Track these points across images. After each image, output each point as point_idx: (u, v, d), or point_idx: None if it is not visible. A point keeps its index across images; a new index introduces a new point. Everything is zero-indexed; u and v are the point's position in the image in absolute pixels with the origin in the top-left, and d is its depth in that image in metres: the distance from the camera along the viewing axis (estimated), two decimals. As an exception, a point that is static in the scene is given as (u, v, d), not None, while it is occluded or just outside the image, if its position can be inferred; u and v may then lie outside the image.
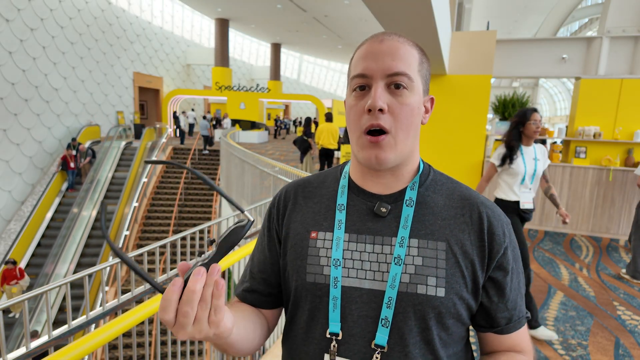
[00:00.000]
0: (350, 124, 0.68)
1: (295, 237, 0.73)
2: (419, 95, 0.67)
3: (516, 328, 0.71)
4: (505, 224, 0.69)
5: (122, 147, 13.12)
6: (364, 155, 0.66)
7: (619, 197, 5.41)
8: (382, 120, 0.64)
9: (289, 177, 4.69)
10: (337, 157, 9.34)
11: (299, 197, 0.77)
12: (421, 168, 0.73)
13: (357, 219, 0.70)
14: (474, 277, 0.66)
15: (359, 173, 0.73)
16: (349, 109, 0.69)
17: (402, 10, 2.83)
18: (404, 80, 0.65)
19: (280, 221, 0.77)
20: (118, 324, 1.52)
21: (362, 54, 0.67)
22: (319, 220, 0.73)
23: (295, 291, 0.72)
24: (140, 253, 1.80)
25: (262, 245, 0.79)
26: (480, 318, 0.71)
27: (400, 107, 0.65)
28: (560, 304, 3.44)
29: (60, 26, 12.73)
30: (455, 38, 5.70)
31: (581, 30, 20.26)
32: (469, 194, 0.71)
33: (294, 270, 0.72)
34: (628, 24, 5.55)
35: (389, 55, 0.65)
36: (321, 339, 0.68)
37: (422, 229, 0.67)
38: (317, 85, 33.58)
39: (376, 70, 0.65)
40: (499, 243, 0.67)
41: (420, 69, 0.68)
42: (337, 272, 0.67)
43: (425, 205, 0.70)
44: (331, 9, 17.01)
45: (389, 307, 0.64)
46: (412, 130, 0.67)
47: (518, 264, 0.71)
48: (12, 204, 10.60)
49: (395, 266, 0.65)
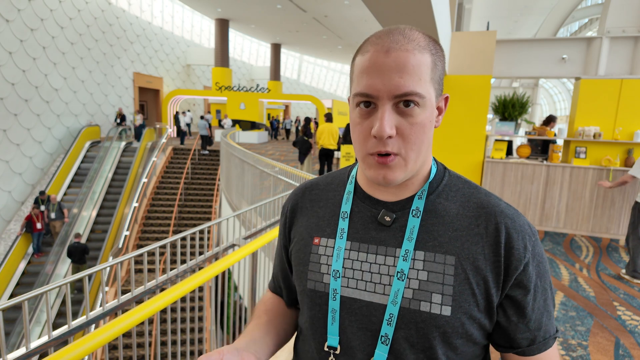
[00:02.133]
0: (356, 143, 0.63)
1: (300, 242, 0.73)
2: (431, 107, 0.61)
3: (540, 350, 0.64)
4: (528, 235, 0.62)
5: (122, 147, 13.13)
6: (372, 175, 0.62)
7: (619, 197, 5.41)
8: (390, 146, 0.59)
9: (289, 177, 4.69)
10: (337, 157, 9.34)
11: (306, 200, 0.77)
12: (433, 172, 0.68)
13: (360, 226, 0.67)
14: (486, 295, 0.60)
15: (366, 179, 0.70)
16: (354, 126, 0.63)
17: (402, 11, 2.83)
18: (414, 98, 0.58)
19: (288, 225, 0.78)
20: (118, 325, 1.52)
21: (365, 67, 0.59)
22: (323, 225, 0.71)
23: (299, 296, 0.73)
24: (140, 253, 1.80)
25: (279, 245, 0.82)
26: (498, 337, 0.65)
27: (410, 127, 0.59)
28: (560, 304, 3.44)
29: (60, 26, 12.73)
30: (455, 38, 5.70)
31: (581, 31, 20.26)
32: (487, 202, 0.64)
33: (297, 276, 0.72)
34: (628, 24, 5.55)
35: (396, 72, 0.57)
36: (319, 349, 0.67)
37: (429, 240, 0.62)
38: (317, 86, 33.58)
39: (382, 91, 0.57)
40: (517, 258, 0.60)
41: (433, 75, 0.61)
42: (336, 283, 0.65)
43: (435, 214, 0.64)
44: (331, 9, 17.01)
45: (390, 324, 0.61)
46: (424, 148, 0.62)
47: (544, 280, 0.63)
48: (12, 204, 10.60)
49: (397, 281, 0.61)
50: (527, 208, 5.79)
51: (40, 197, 9.57)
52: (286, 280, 0.82)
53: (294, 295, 0.83)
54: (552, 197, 5.68)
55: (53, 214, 9.49)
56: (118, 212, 10.36)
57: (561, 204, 5.65)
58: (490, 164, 5.85)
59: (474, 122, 5.81)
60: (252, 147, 13.37)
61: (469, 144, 5.89)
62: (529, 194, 5.77)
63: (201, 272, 1.99)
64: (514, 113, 6.10)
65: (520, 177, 5.78)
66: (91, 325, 1.59)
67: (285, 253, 0.79)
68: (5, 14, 10.60)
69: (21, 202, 10.86)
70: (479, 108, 5.77)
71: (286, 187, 4.64)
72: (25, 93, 11.27)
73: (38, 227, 9.25)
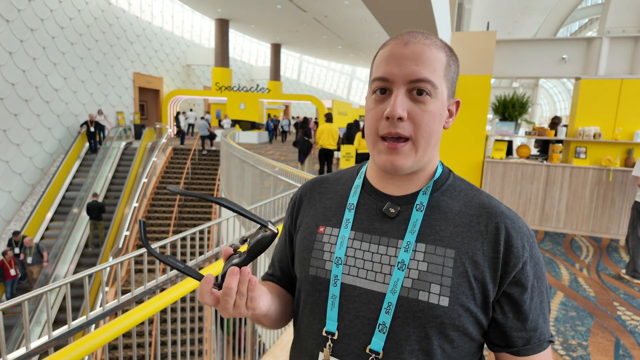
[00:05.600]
0: (368, 127, 0.66)
1: (305, 231, 0.75)
2: (442, 101, 0.64)
3: (535, 351, 0.65)
4: (527, 236, 0.64)
5: (122, 147, 13.13)
6: (381, 160, 0.65)
7: (619, 198, 5.41)
8: (401, 128, 0.62)
9: (289, 178, 4.69)
10: (337, 157, 9.33)
11: (314, 192, 0.79)
12: (439, 172, 0.71)
13: (365, 217, 0.70)
14: (483, 290, 0.62)
15: (375, 173, 0.73)
16: (368, 112, 0.67)
17: (402, 11, 2.83)
18: (427, 86, 0.62)
19: (295, 215, 0.80)
20: (118, 325, 1.52)
21: (384, 56, 0.64)
22: (329, 215, 0.74)
23: (299, 283, 0.74)
24: (140, 253, 1.80)
25: (283, 236, 0.84)
26: (494, 336, 0.67)
27: (421, 114, 0.62)
28: (560, 304, 3.44)
29: (60, 27, 12.73)
30: (455, 38, 5.70)
31: (581, 31, 20.26)
32: (489, 203, 0.67)
33: (299, 262, 0.74)
34: (628, 24, 5.55)
35: (412, 60, 0.62)
36: (318, 335, 0.68)
37: (431, 233, 0.65)
38: (317, 86, 33.57)
39: (398, 76, 0.62)
40: (516, 256, 0.62)
41: (447, 73, 0.65)
42: (337, 270, 0.67)
43: (439, 210, 0.67)
44: (331, 9, 17.01)
45: (388, 312, 0.62)
46: (433, 138, 0.65)
47: (541, 282, 0.65)
48: (12, 204, 10.60)
49: (397, 271, 0.63)
50: (527, 208, 5.79)
51: (13, 239, 8.05)
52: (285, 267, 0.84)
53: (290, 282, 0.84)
54: (552, 197, 5.69)
55: (30, 259, 8.02)
56: (118, 212, 10.35)
57: (561, 204, 5.65)
58: (490, 164, 5.85)
59: (474, 122, 5.81)
60: (252, 147, 13.37)
61: (469, 144, 5.89)
62: (529, 194, 5.77)
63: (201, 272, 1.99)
64: (514, 113, 6.10)
65: (520, 177, 5.78)
66: (91, 325, 1.59)
67: (290, 241, 0.81)
68: (5, 14, 10.60)
69: (21, 202, 10.86)
70: (479, 108, 5.77)
71: (286, 187, 4.64)
72: (25, 93, 11.26)
73: (12, 273, 7.72)
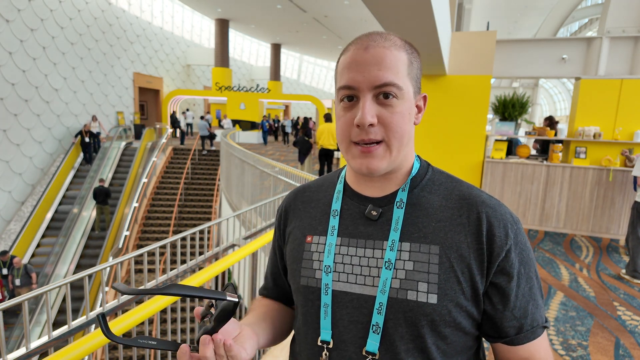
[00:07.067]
0: (340, 134, 0.66)
1: (294, 242, 0.75)
2: (409, 100, 0.65)
3: (529, 339, 0.65)
4: (510, 223, 0.64)
5: (122, 147, 13.13)
6: (356, 165, 0.65)
7: (619, 198, 5.41)
8: (373, 133, 0.62)
9: (289, 177, 4.69)
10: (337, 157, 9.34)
11: (298, 202, 0.79)
12: (416, 168, 0.70)
13: (350, 222, 0.70)
14: (472, 283, 0.62)
15: (354, 177, 0.73)
16: (338, 119, 0.66)
17: (402, 11, 2.83)
18: (393, 89, 0.62)
19: (283, 228, 0.80)
20: (118, 325, 1.52)
21: (346, 63, 0.64)
22: (314, 224, 0.74)
23: (294, 295, 0.75)
24: (140, 253, 1.80)
25: (273, 247, 0.84)
26: (486, 327, 0.66)
27: (390, 116, 0.62)
28: (560, 304, 3.44)
29: (60, 27, 12.73)
30: (455, 38, 5.70)
31: (581, 31, 20.26)
32: (469, 193, 0.67)
33: (291, 274, 0.74)
34: (628, 24, 5.55)
35: (375, 65, 0.61)
36: (313, 345, 0.68)
37: (414, 232, 0.64)
38: (317, 86, 33.56)
39: (362, 82, 0.61)
40: (499, 245, 0.62)
41: (410, 72, 0.65)
42: (327, 278, 0.67)
43: (419, 207, 0.66)
44: (331, 9, 17.01)
45: (380, 313, 0.62)
46: (405, 137, 0.64)
47: (529, 268, 0.64)
48: (12, 204, 10.60)
49: (385, 270, 0.63)
50: (527, 208, 5.79)
51: (1, 259, 7.38)
52: (278, 279, 0.84)
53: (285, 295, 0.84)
54: (552, 197, 5.68)
55: (18, 280, 7.36)
56: (118, 212, 10.35)
57: (561, 204, 5.65)
58: (490, 164, 5.85)
59: (474, 122, 5.81)
60: (252, 147, 13.37)
61: (469, 144, 5.88)
62: (529, 194, 5.76)
63: (201, 272, 1.99)
64: (514, 113, 6.10)
65: (520, 177, 5.78)
66: (91, 325, 1.59)
67: (280, 254, 0.81)
68: (5, 14, 10.60)
69: (21, 202, 10.86)
70: (479, 108, 5.77)
71: (286, 187, 4.64)
72: (25, 93, 11.26)
73: None
